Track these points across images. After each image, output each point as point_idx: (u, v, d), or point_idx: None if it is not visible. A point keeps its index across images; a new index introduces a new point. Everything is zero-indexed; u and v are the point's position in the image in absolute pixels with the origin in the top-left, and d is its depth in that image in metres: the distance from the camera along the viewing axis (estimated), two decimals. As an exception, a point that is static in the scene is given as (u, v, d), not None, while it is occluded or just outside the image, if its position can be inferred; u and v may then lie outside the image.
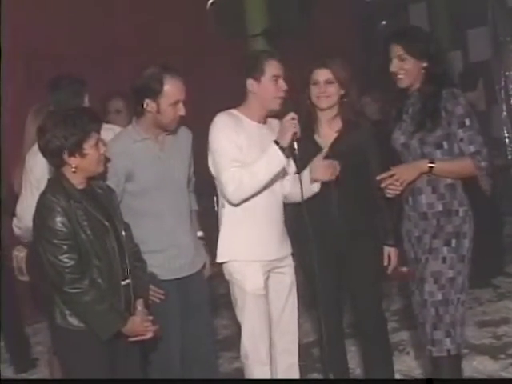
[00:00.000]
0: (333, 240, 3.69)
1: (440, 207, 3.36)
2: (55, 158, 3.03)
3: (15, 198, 3.93)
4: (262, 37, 7.14)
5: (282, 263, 3.60)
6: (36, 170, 3.66)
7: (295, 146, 3.39)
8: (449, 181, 3.36)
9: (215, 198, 6.13)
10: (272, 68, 3.46)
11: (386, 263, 3.78)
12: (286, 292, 3.62)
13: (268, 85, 3.45)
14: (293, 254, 3.69)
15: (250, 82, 3.47)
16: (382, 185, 3.33)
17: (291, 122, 3.37)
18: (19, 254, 4.10)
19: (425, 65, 3.37)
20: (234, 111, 3.52)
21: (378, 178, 3.34)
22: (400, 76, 3.40)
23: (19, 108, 4.62)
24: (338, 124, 3.76)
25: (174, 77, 3.41)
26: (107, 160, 3.19)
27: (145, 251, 3.33)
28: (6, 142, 5.56)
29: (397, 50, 3.38)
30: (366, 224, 3.74)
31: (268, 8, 7.38)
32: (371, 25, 9.96)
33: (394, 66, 3.39)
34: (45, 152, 3.05)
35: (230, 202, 3.43)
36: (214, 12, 8.29)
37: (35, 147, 3.58)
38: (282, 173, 3.51)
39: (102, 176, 3.23)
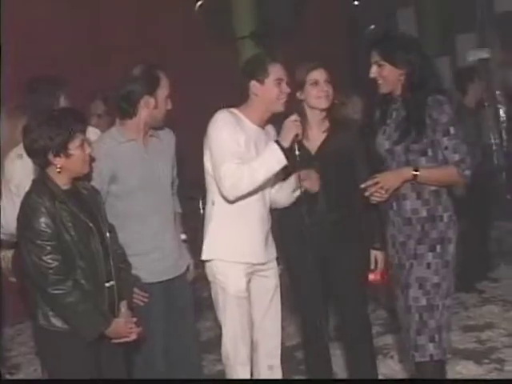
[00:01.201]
0: (319, 242, 3.68)
1: (424, 213, 3.35)
2: (40, 158, 3.01)
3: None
4: (250, 39, 7.14)
5: (265, 266, 3.59)
6: (15, 177, 3.64)
7: (296, 147, 3.42)
8: (433, 187, 3.36)
9: (200, 201, 6.20)
10: (276, 71, 3.47)
11: (372, 267, 3.78)
12: (270, 295, 3.62)
13: (271, 87, 3.46)
14: (277, 258, 3.69)
15: (254, 84, 3.47)
16: (367, 193, 3.32)
17: (294, 124, 3.40)
18: (6, 255, 4.07)
19: (404, 72, 3.35)
20: (234, 110, 3.51)
21: (363, 185, 3.33)
22: (379, 82, 3.40)
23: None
24: (325, 125, 3.78)
25: (162, 71, 3.49)
26: (92, 160, 3.18)
27: (128, 254, 3.32)
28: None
29: (375, 56, 3.39)
30: (352, 227, 3.74)
31: (256, 10, 7.40)
32: (360, 28, 10.00)
33: (373, 71, 3.39)
34: (30, 152, 3.04)
35: (225, 198, 3.41)
36: (202, 14, 8.30)
37: (12, 153, 3.58)
38: (275, 175, 3.52)
39: (87, 177, 3.22)
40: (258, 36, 7.09)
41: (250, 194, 3.43)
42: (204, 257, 3.51)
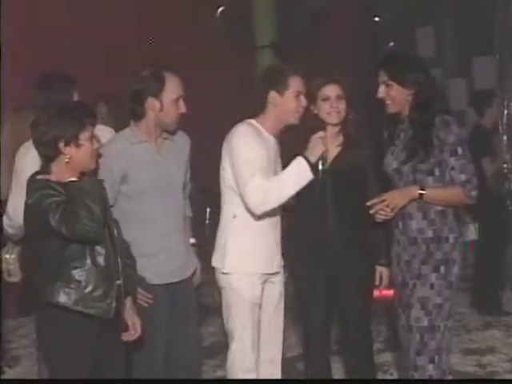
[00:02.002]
0: (326, 256, 3.70)
1: (430, 233, 3.36)
2: (50, 149, 3.02)
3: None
4: (269, 49, 7.15)
5: (275, 274, 3.62)
6: (26, 171, 3.65)
7: (320, 164, 3.44)
8: (439, 207, 3.37)
9: (207, 209, 6.21)
10: (296, 83, 3.48)
11: (377, 283, 3.78)
12: (275, 302, 3.63)
13: (290, 99, 3.47)
14: (284, 266, 3.70)
15: (273, 95, 3.48)
16: (372, 210, 3.35)
17: (321, 140, 3.42)
18: (10, 256, 4.07)
19: (411, 92, 3.37)
20: (252, 121, 3.53)
21: (369, 203, 3.36)
22: (387, 102, 3.42)
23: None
24: (339, 140, 3.78)
25: (172, 74, 3.47)
26: (99, 157, 3.19)
27: (135, 254, 3.32)
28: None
29: (383, 76, 3.40)
30: (361, 242, 3.74)
31: (277, 20, 7.40)
32: (379, 45, 10.01)
33: (381, 91, 3.41)
34: (39, 144, 3.05)
35: (251, 212, 3.43)
36: (223, 20, 8.33)
37: (23, 148, 3.59)
38: None
39: (94, 174, 3.21)
40: (277, 46, 7.09)
41: (276, 208, 3.46)
42: (227, 270, 3.51)
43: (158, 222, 3.49)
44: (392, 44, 10.11)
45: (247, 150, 3.40)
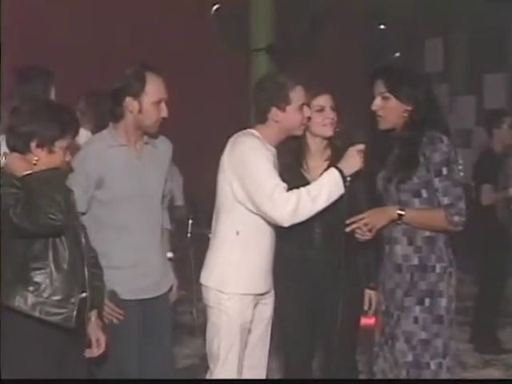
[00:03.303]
0: (312, 277, 3.69)
1: (415, 261, 3.34)
2: (20, 143, 3.00)
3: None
4: (266, 52, 7.16)
5: (267, 294, 3.62)
6: None
7: (348, 179, 3.40)
8: (427, 233, 3.34)
9: (189, 222, 6.19)
10: (298, 96, 3.46)
11: (366, 307, 3.75)
12: (265, 324, 3.63)
13: (294, 114, 3.46)
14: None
15: (275, 112, 3.45)
16: (348, 228, 3.34)
17: (360, 155, 3.40)
18: None
19: (408, 109, 3.35)
20: (254, 132, 3.51)
21: (348, 221, 3.35)
22: (379, 116, 3.39)
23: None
24: (327, 153, 3.77)
25: (156, 75, 3.45)
26: (70, 171, 3.18)
27: (106, 266, 3.30)
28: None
29: (381, 87, 3.37)
30: (349, 265, 3.70)
31: (275, 23, 7.42)
32: (383, 55, 10.03)
33: (376, 104, 3.38)
34: (12, 133, 3.03)
35: (281, 224, 3.38)
36: (218, 19, 8.34)
37: None
38: None
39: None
40: (274, 50, 7.10)
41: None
42: (226, 290, 3.47)
43: (133, 233, 3.47)
44: (398, 54, 10.14)
45: (263, 161, 3.38)
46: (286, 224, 3.35)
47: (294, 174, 3.60)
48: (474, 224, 4.07)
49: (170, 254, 3.78)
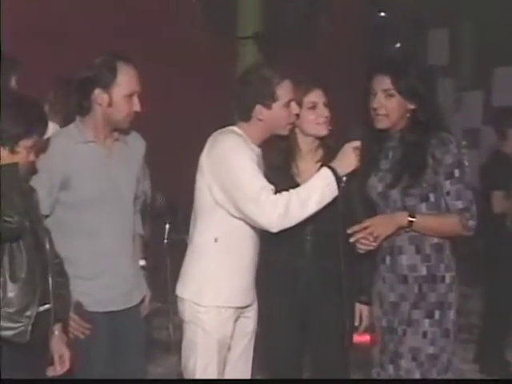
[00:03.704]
0: (300, 291, 3.70)
1: (424, 271, 3.38)
2: None
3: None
4: (253, 40, 7.17)
5: (249, 307, 3.63)
6: None
7: (343, 179, 3.41)
8: (435, 240, 3.39)
9: (167, 227, 6.18)
10: (286, 92, 3.46)
11: (356, 323, 3.77)
12: (248, 338, 3.65)
13: (280, 112, 3.47)
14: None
15: (259, 110, 3.45)
16: (352, 238, 3.35)
17: (355, 152, 3.41)
18: None
19: (411, 107, 3.38)
20: (236, 130, 3.51)
21: (349, 230, 3.36)
22: (380, 114, 3.41)
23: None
24: (319, 154, 3.78)
25: (129, 65, 3.45)
26: (34, 172, 3.18)
27: (71, 274, 3.30)
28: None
29: (384, 82, 3.38)
30: (341, 278, 3.69)
31: (264, 9, 7.42)
32: (383, 45, 10.06)
33: (378, 101, 3.40)
34: None
35: (268, 229, 3.39)
36: (201, 3, 8.35)
37: None
38: None
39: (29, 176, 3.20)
40: (262, 39, 7.11)
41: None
42: (204, 303, 3.47)
43: (102, 239, 3.47)
44: (399, 45, 10.16)
45: (247, 160, 3.38)
46: (275, 229, 3.36)
47: (283, 177, 3.60)
48: (482, 233, 4.09)
49: (142, 262, 3.79)
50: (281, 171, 3.64)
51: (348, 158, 3.42)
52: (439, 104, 3.52)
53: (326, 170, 3.40)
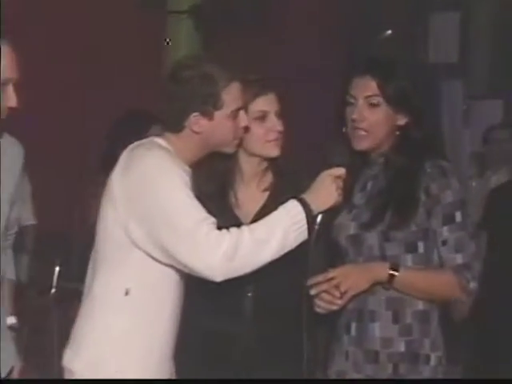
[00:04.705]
0: (235, 362, 3.73)
1: (402, 347, 3.42)
2: None
3: None
4: (189, 16, 7.23)
5: None
6: None
7: (318, 218, 3.40)
8: (420, 306, 3.42)
9: (56, 270, 6.14)
10: (233, 98, 3.48)
11: None
12: None
13: (225, 123, 3.48)
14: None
15: (196, 119, 3.45)
16: (313, 291, 3.38)
17: (337, 183, 3.39)
18: None
19: (403, 122, 3.44)
20: (162, 143, 3.51)
21: (310, 282, 3.38)
22: (361, 129, 3.44)
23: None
24: (267, 181, 3.81)
25: (4, 45, 3.39)
26: None
27: None
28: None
29: (370, 86, 3.43)
30: (284, 346, 3.76)
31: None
32: (368, 32, 10.12)
33: (358, 111, 3.44)
34: None
35: (209, 277, 3.34)
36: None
37: None
38: None
39: None
40: (201, 14, 7.15)
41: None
42: (105, 376, 3.45)
43: None
44: (389, 32, 10.23)
45: (179, 185, 3.37)
46: (218, 277, 3.33)
47: (217, 210, 3.56)
48: (487, 298, 4.14)
49: (11, 320, 3.78)
50: (215, 202, 3.64)
51: (326, 190, 3.40)
52: (441, 118, 3.56)
53: (294, 203, 3.36)
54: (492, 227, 5.99)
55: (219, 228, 3.35)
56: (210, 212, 3.41)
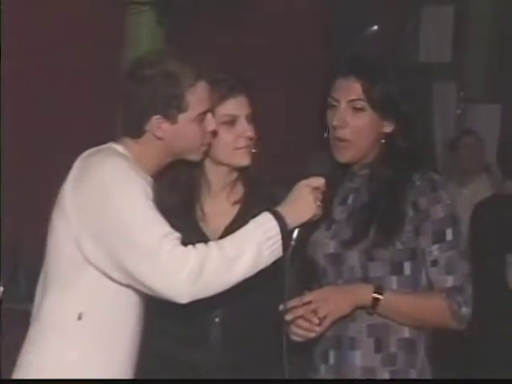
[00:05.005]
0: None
1: (385, 376, 3.42)
2: None
3: None
4: (150, 8, 7.27)
5: None
6: None
7: (295, 233, 3.41)
8: (406, 333, 3.46)
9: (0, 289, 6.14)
10: (200, 100, 3.50)
11: None
12: None
13: (190, 128, 3.50)
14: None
15: (157, 122, 3.47)
16: (288, 316, 3.37)
17: (316, 194, 3.40)
18: None
19: (389, 130, 3.46)
20: (120, 149, 3.53)
21: (282, 307, 3.39)
22: (343, 140, 3.45)
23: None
24: (238, 193, 3.82)
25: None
26: None
27: None
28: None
29: (354, 90, 3.45)
30: (257, 372, 3.73)
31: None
32: (352, 26, 10.15)
33: (339, 116, 3.46)
34: None
35: (174, 298, 3.35)
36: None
37: None
38: None
39: None
40: (164, 5, 7.20)
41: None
42: None
43: None
44: (376, 28, 10.28)
45: (139, 196, 3.38)
46: (183, 298, 3.33)
47: (182, 225, 3.56)
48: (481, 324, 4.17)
49: None
50: (177, 215, 3.63)
51: (303, 202, 3.43)
52: (432, 125, 3.58)
53: (267, 217, 3.39)
54: (475, 243, 6.05)
55: (184, 244, 3.34)
56: (173, 227, 3.40)
